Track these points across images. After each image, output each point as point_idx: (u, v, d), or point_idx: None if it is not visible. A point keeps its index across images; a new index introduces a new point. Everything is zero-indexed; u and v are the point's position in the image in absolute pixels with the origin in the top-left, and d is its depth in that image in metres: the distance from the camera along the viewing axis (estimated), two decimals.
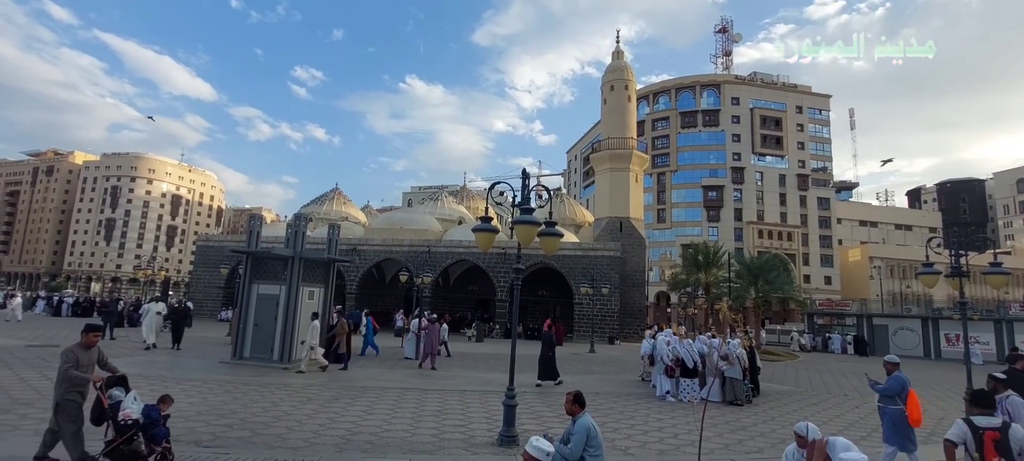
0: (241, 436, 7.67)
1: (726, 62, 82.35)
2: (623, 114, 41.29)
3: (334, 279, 17.49)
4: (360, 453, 7.08)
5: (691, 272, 38.18)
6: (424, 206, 49.05)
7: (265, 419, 8.74)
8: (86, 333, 5.90)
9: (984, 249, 13.65)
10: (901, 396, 7.17)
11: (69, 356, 5.66)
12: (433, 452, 7.35)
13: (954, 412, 11.90)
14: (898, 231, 79.42)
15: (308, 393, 11.30)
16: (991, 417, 4.66)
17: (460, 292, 41.24)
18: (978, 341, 28.49)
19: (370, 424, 8.78)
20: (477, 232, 8.15)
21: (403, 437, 8.06)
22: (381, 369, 16.05)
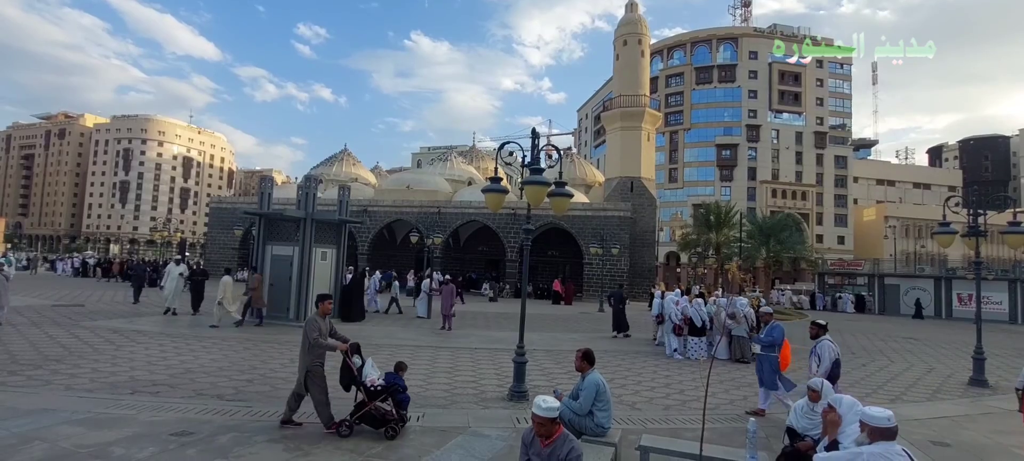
0: (261, 391, 7.98)
1: (745, 14, 79.45)
2: (636, 70, 40.32)
3: (346, 240, 17.72)
4: None
5: (702, 232, 38.06)
6: (433, 167, 48.88)
7: (284, 375, 9.06)
8: (322, 302, 6.33)
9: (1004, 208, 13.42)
10: (778, 345, 7.82)
11: (314, 325, 5.99)
12: (446, 407, 7.60)
13: (962, 370, 11.96)
14: (916, 190, 77.96)
15: None
16: None
17: (470, 252, 41.56)
18: (990, 301, 28.31)
19: None
20: (487, 193, 8.16)
21: (417, 392, 8.32)
22: (395, 327, 16.42)
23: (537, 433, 3.51)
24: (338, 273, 17.05)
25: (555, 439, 3.46)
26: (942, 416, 8.23)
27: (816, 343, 6.99)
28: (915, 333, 21.24)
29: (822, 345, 6.92)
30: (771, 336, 7.94)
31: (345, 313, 16.73)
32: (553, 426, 3.45)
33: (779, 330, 7.98)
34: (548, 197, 7.76)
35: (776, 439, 6.15)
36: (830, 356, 6.82)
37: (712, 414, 7.77)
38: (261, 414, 6.74)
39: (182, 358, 10.09)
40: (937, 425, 7.67)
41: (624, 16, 42.36)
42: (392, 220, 38.47)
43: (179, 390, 7.79)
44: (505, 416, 7.14)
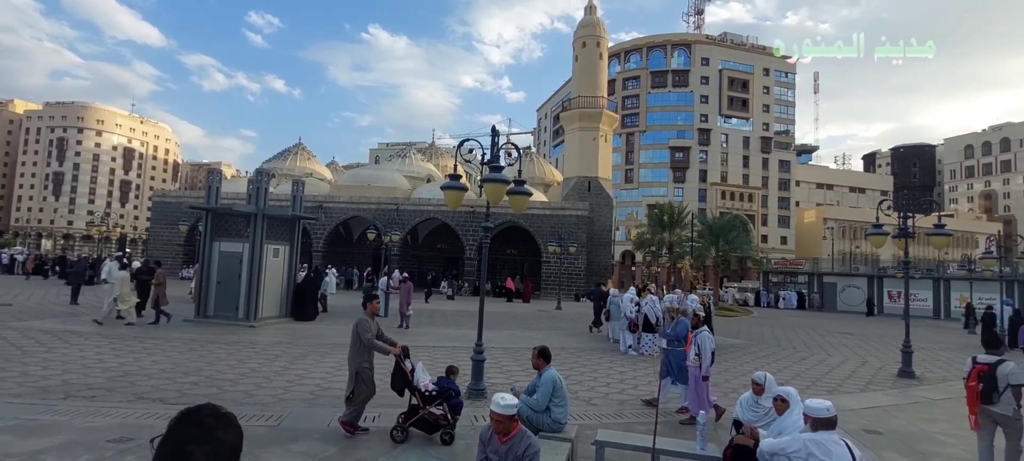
0: (208, 393, 7.65)
1: (698, 21, 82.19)
2: (594, 72, 41.02)
3: (300, 236, 17.20)
4: (330, 408, 7.17)
5: (656, 232, 39.13)
6: (391, 163, 48.17)
7: (232, 376, 8.72)
8: (371, 302, 6.41)
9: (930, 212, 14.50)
10: (682, 339, 8.12)
11: (367, 326, 6.03)
12: (401, 406, 7.51)
13: (892, 363, 12.81)
14: (852, 194, 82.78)
15: (276, 350, 11.28)
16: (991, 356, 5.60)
17: (429, 250, 41.18)
18: (917, 298, 30.48)
19: (340, 381, 8.86)
20: (446, 190, 8.13)
21: None
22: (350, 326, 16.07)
23: (495, 430, 3.53)
24: (291, 271, 16.54)
25: (513, 436, 3.48)
26: (874, 406, 8.81)
27: (696, 333, 7.46)
28: (851, 328, 22.62)
29: (701, 336, 7.38)
30: (676, 331, 8.32)
31: (297, 311, 16.26)
32: (511, 423, 3.48)
33: (683, 325, 8.35)
34: (507, 195, 7.81)
35: (724, 430, 6.43)
36: (709, 346, 7.32)
37: (664, 407, 8.03)
38: None
39: (121, 360, 9.53)
40: (870, 414, 8.21)
41: (583, 18, 43.00)
42: (349, 217, 37.63)
43: (117, 394, 7.37)
44: (463, 414, 7.11)
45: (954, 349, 16.84)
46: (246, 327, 14.04)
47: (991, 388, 5.36)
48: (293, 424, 6.37)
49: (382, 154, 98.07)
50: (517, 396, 5.32)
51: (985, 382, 5.42)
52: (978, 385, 5.47)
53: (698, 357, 7.22)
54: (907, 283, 13.30)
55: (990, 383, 5.37)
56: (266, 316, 15.13)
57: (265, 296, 15.13)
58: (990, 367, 5.45)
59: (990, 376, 5.40)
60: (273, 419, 6.48)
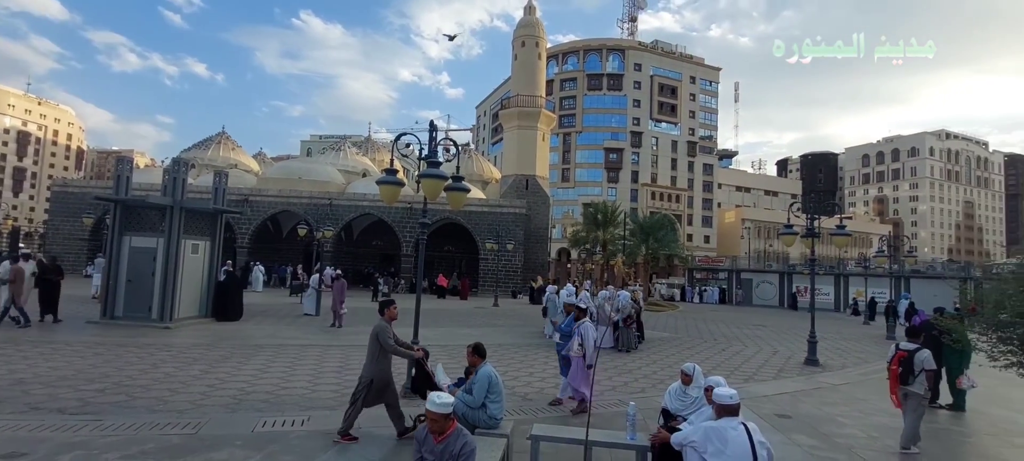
0: (116, 401, 7.04)
1: (631, 28, 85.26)
2: (533, 72, 41.49)
3: (222, 231, 16.18)
4: (254, 413, 6.83)
5: (591, 230, 40.27)
6: (325, 156, 46.37)
7: (144, 382, 8.07)
8: (390, 308, 6.24)
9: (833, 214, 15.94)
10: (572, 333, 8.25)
11: (387, 332, 5.87)
12: (334, 408, 7.28)
13: (800, 352, 13.93)
14: (767, 197, 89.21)
15: (194, 353, 10.56)
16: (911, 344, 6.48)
17: (364, 247, 40.05)
18: (821, 292, 33.38)
19: (265, 383, 8.45)
20: (381, 185, 7.93)
21: (302, 394, 7.89)
22: (280, 326, 15.35)
23: (430, 430, 3.49)
24: (213, 268, 15.51)
25: (449, 435, 3.46)
26: (784, 392, 9.57)
27: (578, 325, 7.67)
28: (765, 321, 24.40)
29: (584, 327, 7.59)
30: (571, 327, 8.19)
31: (220, 311, 15.30)
32: (447, 422, 3.45)
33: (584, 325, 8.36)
34: (445, 191, 7.75)
35: (652, 420, 6.75)
36: (591, 336, 7.55)
37: (598, 401, 8.30)
38: (115, 428, 5.95)
39: (12, 367, 8.55)
40: (780, 400, 8.91)
41: (523, 18, 43.37)
42: (277, 211, 35.83)
43: (8, 405, 6.61)
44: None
45: (852, 339, 18.60)
46: (160, 328, 13.03)
47: (908, 371, 6.29)
48: (213, 431, 6.00)
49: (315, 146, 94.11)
50: (453, 394, 5.32)
51: (904, 366, 6.34)
52: (899, 369, 6.38)
53: (581, 347, 7.43)
54: (812, 279, 14.57)
55: (908, 367, 6.30)
56: (184, 316, 14.12)
57: (182, 295, 14.11)
58: (909, 354, 6.35)
59: (908, 361, 6.32)
60: (190, 426, 6.07)
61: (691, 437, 3.94)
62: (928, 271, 38.31)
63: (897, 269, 32.01)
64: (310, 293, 18.51)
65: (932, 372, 6.29)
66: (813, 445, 6.52)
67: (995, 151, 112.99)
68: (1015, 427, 7.85)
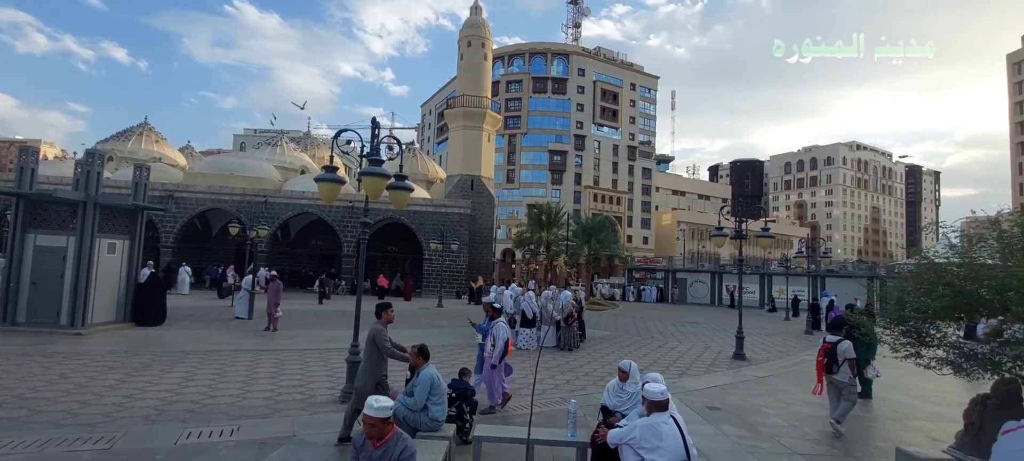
0: (15, 416, 6.38)
1: (576, 34, 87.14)
2: (479, 72, 41.48)
3: (143, 230, 15.06)
4: (178, 424, 6.40)
5: (535, 231, 40.73)
6: (260, 151, 44.16)
7: (50, 394, 7.37)
8: (386, 311, 6.22)
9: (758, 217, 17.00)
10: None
11: (384, 335, 5.89)
12: (267, 416, 6.96)
13: (729, 347, 14.72)
14: (700, 200, 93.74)
15: (109, 361, 9.76)
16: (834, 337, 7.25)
17: (302, 247, 38.51)
18: (747, 291, 35.48)
19: (190, 392, 7.95)
20: (320, 182, 7.66)
21: (232, 402, 7.48)
22: (208, 331, 14.47)
23: (368, 435, 3.39)
24: (132, 269, 14.40)
25: (388, 439, 3.38)
26: (714, 385, 10.10)
27: (492, 325, 7.68)
28: (698, 318, 25.62)
29: (497, 327, 7.61)
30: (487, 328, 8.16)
31: (140, 316, 14.24)
32: (386, 426, 3.37)
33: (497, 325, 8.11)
34: (388, 190, 7.60)
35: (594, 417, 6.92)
36: (503, 336, 7.53)
37: (540, 399, 8.42)
38: (13, 446, 5.40)
39: None
40: (711, 393, 9.39)
41: (469, 18, 43.27)
42: (207, 208, 33.75)
43: None
44: (336, 420, 6.77)
45: (775, 334, 19.90)
46: (71, 335, 11.96)
47: (833, 361, 7.05)
48: (130, 445, 5.57)
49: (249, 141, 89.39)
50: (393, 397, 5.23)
51: (829, 357, 7.11)
52: (824, 359, 7.15)
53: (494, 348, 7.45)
54: (740, 278, 15.48)
55: (833, 357, 7.06)
56: (98, 322, 13.03)
57: (97, 298, 13.01)
58: (833, 345, 7.10)
59: (833, 352, 7.08)
60: (104, 442, 5.60)
61: (627, 436, 4.08)
62: (841, 271, 41.65)
63: (814, 269, 34.57)
64: (242, 295, 17.59)
65: (853, 360, 7.01)
66: (740, 435, 6.93)
67: (898, 162, 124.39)
68: (913, 412, 8.68)
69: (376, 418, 3.32)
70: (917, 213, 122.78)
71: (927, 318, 4.74)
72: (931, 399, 9.44)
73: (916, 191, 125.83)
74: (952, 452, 5.08)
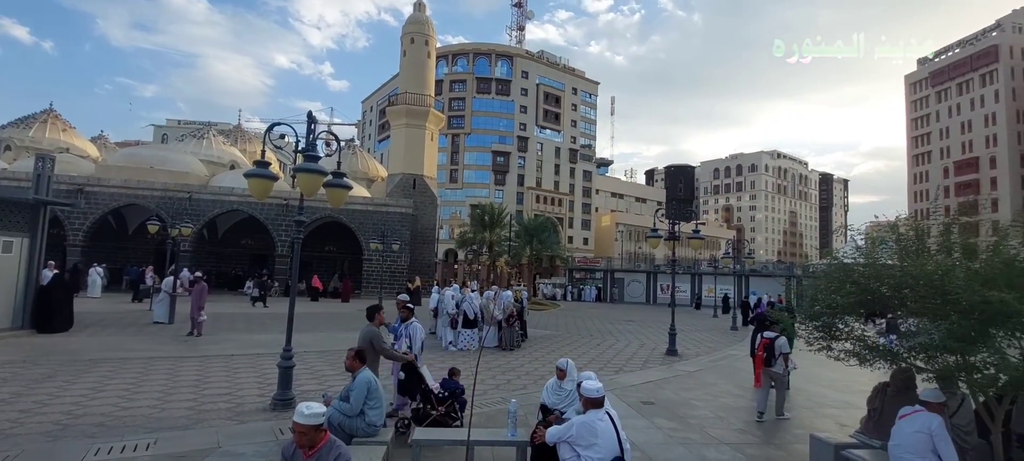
0: None
1: (519, 36, 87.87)
2: (422, 70, 40.90)
3: (46, 227, 13.69)
4: (84, 439, 5.86)
5: (478, 231, 40.70)
6: (185, 144, 41.23)
7: None
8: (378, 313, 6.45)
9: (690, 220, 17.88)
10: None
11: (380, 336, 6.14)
12: (188, 427, 6.52)
13: (662, 344, 15.34)
14: (637, 203, 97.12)
15: (3, 373, 8.80)
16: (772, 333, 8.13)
17: (231, 246, 36.40)
18: (680, 290, 37.19)
19: (100, 404, 7.31)
20: (250, 178, 7.25)
21: (148, 414, 6.95)
22: (122, 337, 13.34)
23: (298, 444, 3.21)
24: (32, 270, 13.05)
25: (320, 448, 3.22)
26: (649, 381, 10.50)
27: (406, 325, 7.36)
28: (634, 316, 26.53)
29: (412, 327, 7.35)
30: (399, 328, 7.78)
31: (43, 322, 12.93)
32: (317, 434, 3.21)
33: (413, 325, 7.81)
34: (324, 188, 7.33)
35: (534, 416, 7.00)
36: (420, 336, 7.34)
37: (481, 400, 8.41)
38: None
39: None
40: (645, 388, 9.75)
41: (412, 14, 42.56)
42: (122, 204, 31.13)
43: None
44: (266, 429, 6.49)
45: (705, 331, 20.96)
46: None
47: (771, 355, 7.94)
48: None
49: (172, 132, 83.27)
50: (329, 403, 5.05)
51: (767, 351, 8.01)
52: (763, 354, 8.04)
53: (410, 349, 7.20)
54: (673, 278, 16.20)
55: (770, 352, 7.96)
56: None
57: None
58: (771, 341, 7.97)
59: (770, 347, 7.97)
60: None
61: (565, 433, 4.16)
62: (763, 271, 44.48)
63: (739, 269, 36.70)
64: (162, 298, 16.37)
65: (787, 354, 7.91)
66: (672, 427, 7.24)
67: (812, 170, 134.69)
68: (825, 400, 9.42)
69: (307, 426, 3.16)
70: (829, 217, 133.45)
71: (836, 314, 5.16)
72: (840, 388, 10.28)
73: (828, 197, 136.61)
74: (857, 436, 5.56)
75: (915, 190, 79.02)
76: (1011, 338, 4.33)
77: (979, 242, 5.43)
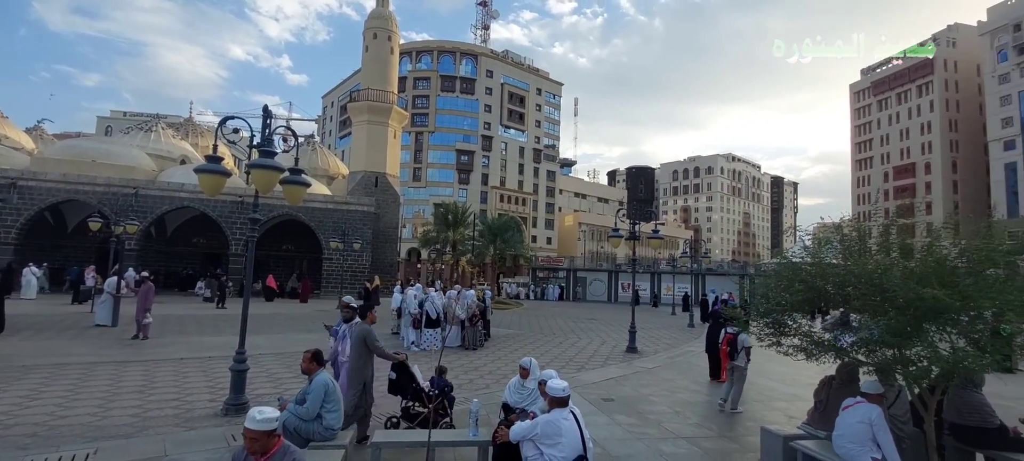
0: None
1: (484, 35, 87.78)
2: (385, 66, 40.25)
3: None
4: (15, 451, 5.48)
5: (441, 230, 40.41)
6: (131, 137, 39.13)
7: None
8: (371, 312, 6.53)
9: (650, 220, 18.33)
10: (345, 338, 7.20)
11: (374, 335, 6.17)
12: (132, 435, 6.19)
13: (623, 341, 15.61)
14: (599, 203, 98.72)
15: None
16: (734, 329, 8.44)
17: (182, 245, 34.81)
18: (640, 288, 37.99)
19: (34, 412, 6.86)
20: (201, 173, 6.95)
21: (88, 422, 6.56)
22: (59, 341, 12.56)
23: (250, 450, 3.10)
24: None
25: (273, 454, 3.12)
26: (609, 378, 10.68)
27: (348, 326, 6.91)
28: (596, 314, 26.93)
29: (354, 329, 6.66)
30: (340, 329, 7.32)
31: None
32: (270, 440, 3.11)
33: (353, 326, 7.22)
34: (281, 185, 7.09)
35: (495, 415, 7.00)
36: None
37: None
38: None
39: None
40: (606, 385, 9.91)
41: (375, 9, 41.83)
42: (61, 200, 29.27)
43: None
44: (217, 435, 6.23)
45: (663, 328, 21.48)
46: None
47: (734, 349, 8.45)
48: None
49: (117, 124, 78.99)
50: (283, 407, 4.90)
51: (731, 346, 8.53)
52: (727, 348, 8.61)
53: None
54: (633, 276, 16.53)
55: (734, 346, 8.46)
56: None
57: None
58: (735, 336, 8.45)
59: (734, 342, 8.48)
60: None
61: (531, 431, 4.18)
62: (718, 270, 46.00)
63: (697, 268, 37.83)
64: (104, 299, 15.49)
65: (749, 348, 8.33)
66: (631, 423, 7.39)
67: (765, 173, 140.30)
68: (775, 393, 9.82)
69: (258, 431, 3.04)
70: (780, 218, 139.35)
71: (786, 310, 5.38)
72: (789, 382, 10.74)
73: (779, 199, 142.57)
74: (804, 427, 5.83)
75: (858, 193, 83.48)
76: (942, 332, 4.63)
77: (915, 243, 5.77)
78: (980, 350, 4.35)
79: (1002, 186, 60.92)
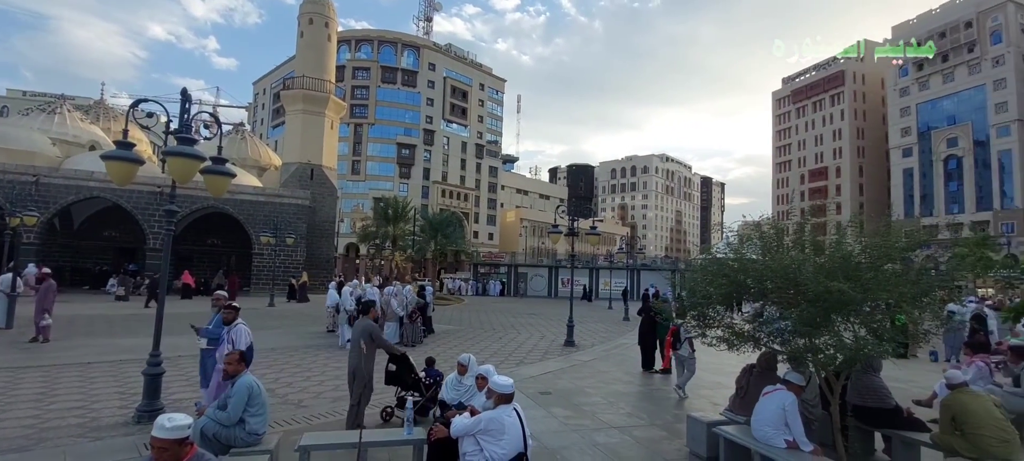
0: None
1: (427, 27, 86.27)
2: (322, 54, 38.68)
3: None
4: None
5: (381, 225, 39.47)
6: (31, 119, 35.27)
7: None
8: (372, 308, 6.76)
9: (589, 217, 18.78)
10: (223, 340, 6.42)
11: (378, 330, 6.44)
12: (26, 448, 5.60)
13: (561, 336, 15.91)
14: (541, 199, 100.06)
15: None
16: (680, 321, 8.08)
17: (91, 238, 31.91)
18: (579, 283, 38.92)
19: None
20: (109, 160, 6.35)
21: None
22: None
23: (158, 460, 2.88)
24: None
25: None
26: (548, 372, 10.83)
27: (231, 328, 6.30)
28: (536, 310, 27.28)
29: (237, 329, 6.29)
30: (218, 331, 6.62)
31: None
32: (181, 449, 2.90)
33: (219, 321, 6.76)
34: (202, 174, 6.63)
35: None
36: (246, 340, 6.21)
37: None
38: None
39: None
40: (544, 379, 10.05)
41: None
42: None
43: None
44: (126, 445, 5.76)
45: (600, 322, 22.09)
46: None
47: (677, 340, 9.03)
48: None
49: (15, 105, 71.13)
50: (201, 413, 4.61)
51: (675, 337, 9.11)
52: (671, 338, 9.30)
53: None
54: (572, 272, 16.91)
55: (677, 337, 9.02)
56: None
57: None
58: (679, 327, 8.82)
59: (677, 333, 9.02)
60: None
61: (475, 426, 4.16)
62: (652, 265, 47.96)
63: (632, 263, 39.23)
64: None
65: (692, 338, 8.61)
66: (567, 415, 7.54)
67: (695, 173, 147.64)
68: (700, 382, 10.33)
69: (167, 440, 2.83)
70: (709, 217, 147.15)
71: (710, 303, 5.68)
72: (714, 370, 11.34)
73: (708, 198, 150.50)
74: (726, 413, 6.18)
75: (778, 194, 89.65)
76: (846, 323, 5.05)
77: (825, 240, 6.25)
78: (879, 338, 4.78)
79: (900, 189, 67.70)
